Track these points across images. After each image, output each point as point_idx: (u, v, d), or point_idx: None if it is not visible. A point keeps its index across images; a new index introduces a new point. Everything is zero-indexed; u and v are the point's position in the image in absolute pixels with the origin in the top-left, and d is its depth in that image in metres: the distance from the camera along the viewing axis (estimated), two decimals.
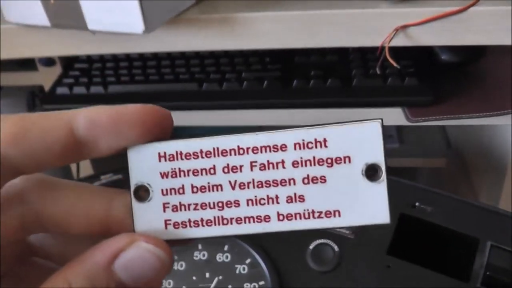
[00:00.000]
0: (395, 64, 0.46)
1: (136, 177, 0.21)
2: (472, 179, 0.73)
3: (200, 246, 0.43)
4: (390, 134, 0.86)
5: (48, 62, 0.69)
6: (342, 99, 0.55)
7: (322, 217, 0.20)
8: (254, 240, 0.42)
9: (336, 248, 0.41)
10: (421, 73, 0.56)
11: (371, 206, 0.20)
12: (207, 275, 0.42)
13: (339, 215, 0.20)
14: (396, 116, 0.54)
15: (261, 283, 0.41)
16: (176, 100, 0.58)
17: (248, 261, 0.42)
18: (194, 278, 0.42)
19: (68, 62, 0.67)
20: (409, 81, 0.54)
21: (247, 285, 0.41)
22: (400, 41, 0.47)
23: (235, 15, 0.49)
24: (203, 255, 0.43)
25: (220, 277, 0.42)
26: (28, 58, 0.67)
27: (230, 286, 0.41)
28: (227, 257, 0.42)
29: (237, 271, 0.42)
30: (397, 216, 0.42)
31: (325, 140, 0.20)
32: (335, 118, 0.55)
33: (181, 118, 0.57)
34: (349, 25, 0.48)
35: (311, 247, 0.42)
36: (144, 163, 0.21)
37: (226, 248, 0.43)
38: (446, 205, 0.43)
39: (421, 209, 0.43)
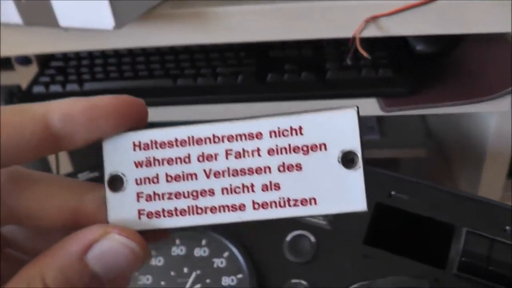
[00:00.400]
0: (366, 55, 0.46)
1: (110, 167, 0.20)
2: (453, 168, 0.74)
3: (177, 241, 0.43)
4: (371, 126, 0.86)
5: (25, 61, 0.68)
6: (316, 92, 0.55)
7: (298, 205, 0.20)
8: (231, 233, 0.42)
9: (312, 239, 0.42)
10: (397, 64, 0.56)
11: (347, 193, 0.19)
12: (185, 270, 0.42)
13: (315, 203, 0.20)
14: (371, 106, 0.55)
15: (239, 276, 0.41)
16: (151, 96, 0.57)
17: (225, 254, 0.42)
18: (172, 273, 0.42)
19: (44, 61, 0.67)
20: (384, 72, 0.54)
21: (225, 279, 0.41)
22: (371, 32, 0.47)
23: (207, 9, 0.49)
24: (181, 250, 0.43)
25: (198, 272, 0.42)
26: (5, 58, 0.67)
27: (208, 280, 0.41)
28: (204, 251, 0.42)
29: (215, 265, 0.42)
30: (373, 205, 0.42)
31: (300, 128, 0.20)
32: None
33: (156, 113, 0.57)
34: (321, 17, 0.48)
35: (288, 238, 0.42)
36: (119, 152, 0.20)
37: (203, 242, 0.43)
38: (422, 194, 0.43)
39: (397, 198, 0.43)
